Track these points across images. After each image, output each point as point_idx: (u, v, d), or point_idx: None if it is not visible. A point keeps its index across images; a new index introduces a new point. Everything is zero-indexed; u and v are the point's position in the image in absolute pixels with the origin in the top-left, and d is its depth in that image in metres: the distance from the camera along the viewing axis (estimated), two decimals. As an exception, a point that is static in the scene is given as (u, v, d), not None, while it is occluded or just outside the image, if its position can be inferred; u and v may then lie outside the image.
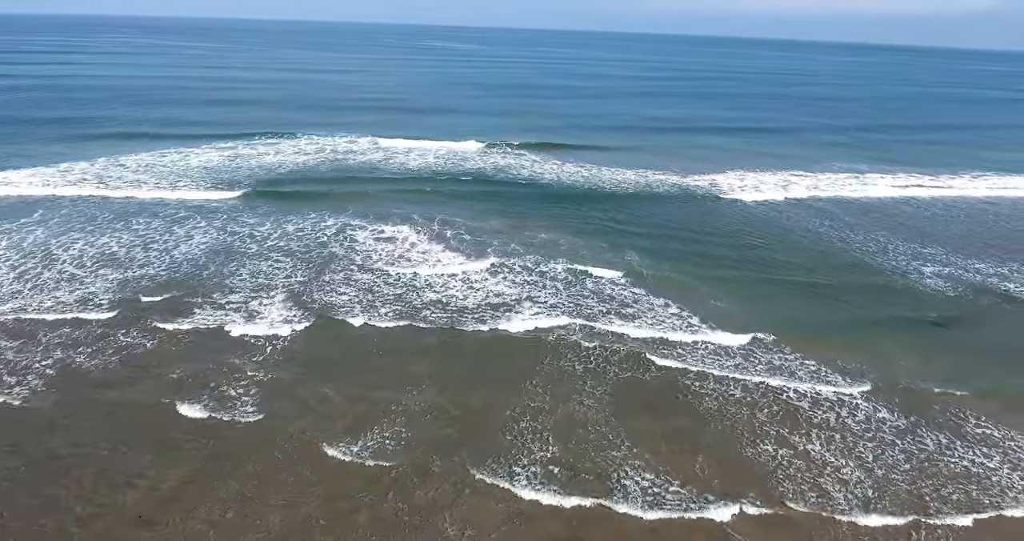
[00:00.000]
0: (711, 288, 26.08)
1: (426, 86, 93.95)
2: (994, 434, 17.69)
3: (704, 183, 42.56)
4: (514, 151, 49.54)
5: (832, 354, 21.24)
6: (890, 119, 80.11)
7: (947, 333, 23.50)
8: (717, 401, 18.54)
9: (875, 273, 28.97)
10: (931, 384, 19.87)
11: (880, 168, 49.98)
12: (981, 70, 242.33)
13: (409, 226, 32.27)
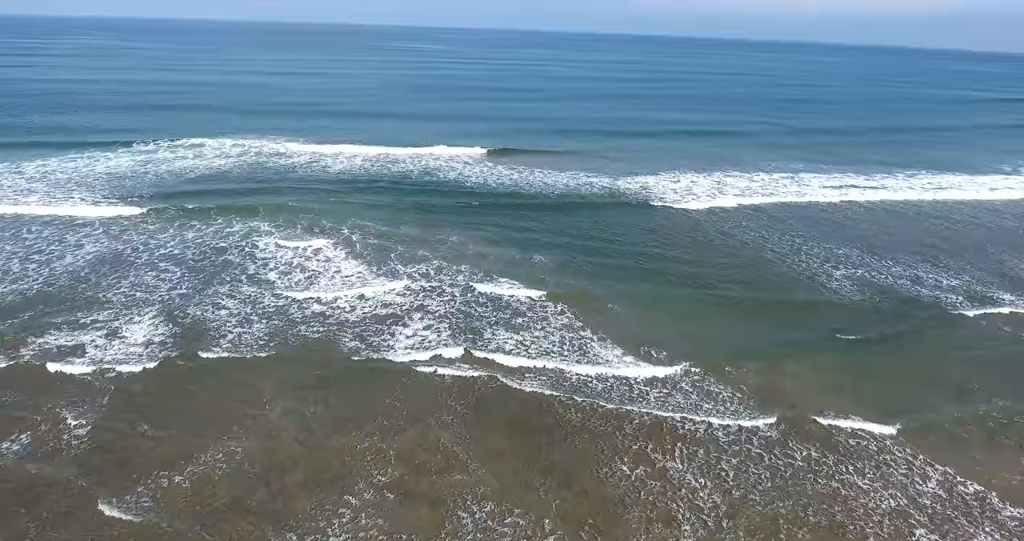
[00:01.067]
0: (616, 303, 24.75)
1: (376, 89, 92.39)
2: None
3: (635, 187, 41.89)
4: (447, 154, 48.45)
5: (736, 379, 19.82)
6: (841, 119, 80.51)
7: (861, 353, 22.00)
8: (586, 427, 17.51)
9: (794, 285, 27.66)
10: (837, 414, 19.16)
11: (817, 168, 49.89)
12: (946, 69, 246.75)
13: (316, 232, 31.12)
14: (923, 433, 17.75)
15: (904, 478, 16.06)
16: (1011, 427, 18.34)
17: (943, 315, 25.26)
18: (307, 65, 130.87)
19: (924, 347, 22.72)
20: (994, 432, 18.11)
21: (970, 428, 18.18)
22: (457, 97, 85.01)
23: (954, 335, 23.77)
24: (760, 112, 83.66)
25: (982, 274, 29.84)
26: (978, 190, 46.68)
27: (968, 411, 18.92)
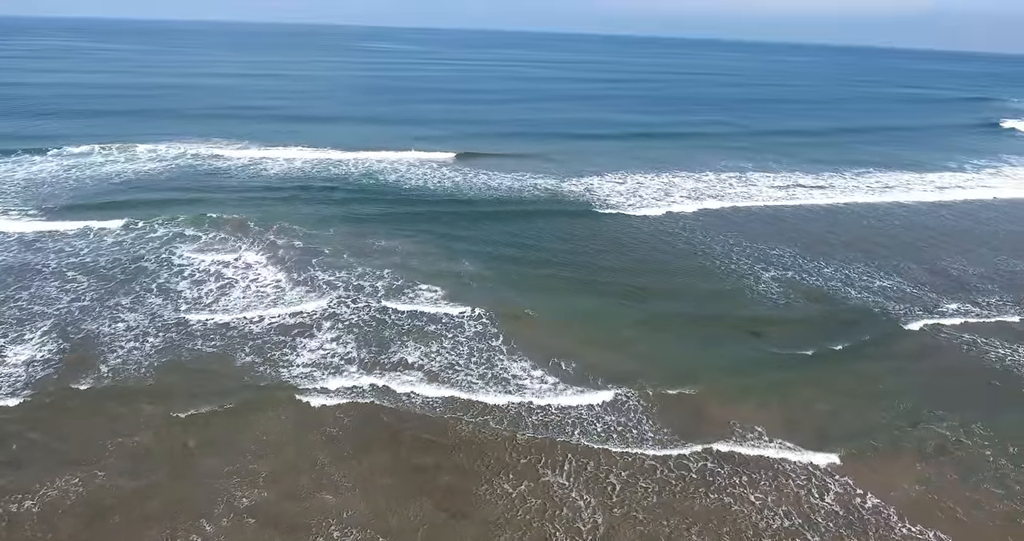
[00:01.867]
0: (540, 316, 23.62)
1: (336, 91, 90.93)
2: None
3: (580, 189, 41.34)
4: (392, 158, 47.44)
5: (658, 401, 18.69)
6: (798, 119, 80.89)
7: (798, 371, 20.91)
8: (478, 447, 16.72)
9: (733, 297, 26.46)
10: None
11: (766, 168, 49.91)
12: (911, 68, 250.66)
13: (239, 238, 30.12)
14: (852, 457, 16.85)
15: (810, 498, 15.58)
16: (948, 451, 17.38)
17: (886, 327, 24.23)
18: (272, 67, 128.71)
19: (865, 363, 21.59)
20: (929, 456, 17.10)
21: (902, 451, 17.31)
22: (415, 99, 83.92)
23: (896, 349, 22.74)
24: (719, 112, 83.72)
25: (928, 281, 29.06)
26: (925, 187, 47.03)
27: (904, 434, 17.98)
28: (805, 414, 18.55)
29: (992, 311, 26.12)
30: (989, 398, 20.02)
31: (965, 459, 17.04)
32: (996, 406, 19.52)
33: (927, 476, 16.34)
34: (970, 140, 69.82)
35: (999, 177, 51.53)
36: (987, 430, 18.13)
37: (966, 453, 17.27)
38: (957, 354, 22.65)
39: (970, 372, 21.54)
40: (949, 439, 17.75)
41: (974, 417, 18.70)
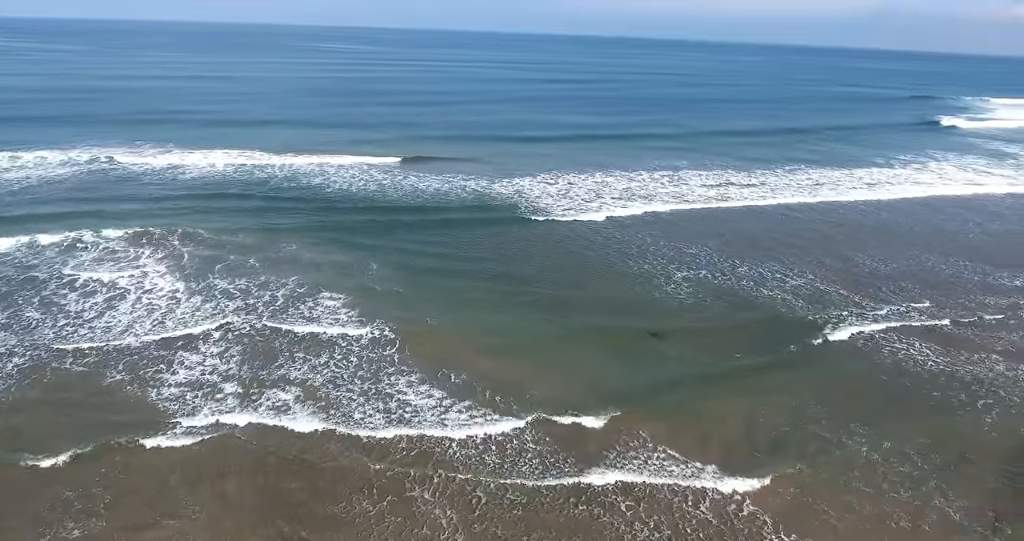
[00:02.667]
0: (446, 332, 22.45)
1: (278, 92, 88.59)
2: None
3: (509, 192, 40.78)
4: (321, 161, 46.23)
5: (562, 430, 17.40)
6: (742, 119, 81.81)
7: (719, 388, 19.82)
8: (353, 475, 16.01)
9: (658, 308, 25.30)
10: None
11: (701, 166, 50.21)
12: (858, 68, 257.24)
13: (138, 246, 28.82)
14: (732, 463, 16.49)
15: (683, 507, 15.20)
16: (829, 453, 17.08)
17: (815, 337, 23.44)
18: (218, 68, 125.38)
19: (795, 377, 20.74)
20: (811, 459, 16.64)
21: (785, 456, 16.97)
22: (361, 101, 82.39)
23: (825, 361, 22.01)
24: (667, 113, 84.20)
25: (844, 280, 28.88)
26: (854, 184, 47.77)
27: (787, 438, 17.63)
28: (695, 425, 18.14)
29: (904, 311, 26.13)
30: (889, 401, 19.88)
31: (845, 461, 16.89)
32: (897, 409, 19.38)
33: (807, 480, 16.13)
34: (905, 138, 71.44)
35: (925, 173, 52.72)
36: (873, 432, 18.06)
37: (847, 455, 17.13)
38: (860, 355, 22.59)
39: (864, 371, 21.53)
40: (831, 441, 17.63)
41: (867, 420, 18.55)
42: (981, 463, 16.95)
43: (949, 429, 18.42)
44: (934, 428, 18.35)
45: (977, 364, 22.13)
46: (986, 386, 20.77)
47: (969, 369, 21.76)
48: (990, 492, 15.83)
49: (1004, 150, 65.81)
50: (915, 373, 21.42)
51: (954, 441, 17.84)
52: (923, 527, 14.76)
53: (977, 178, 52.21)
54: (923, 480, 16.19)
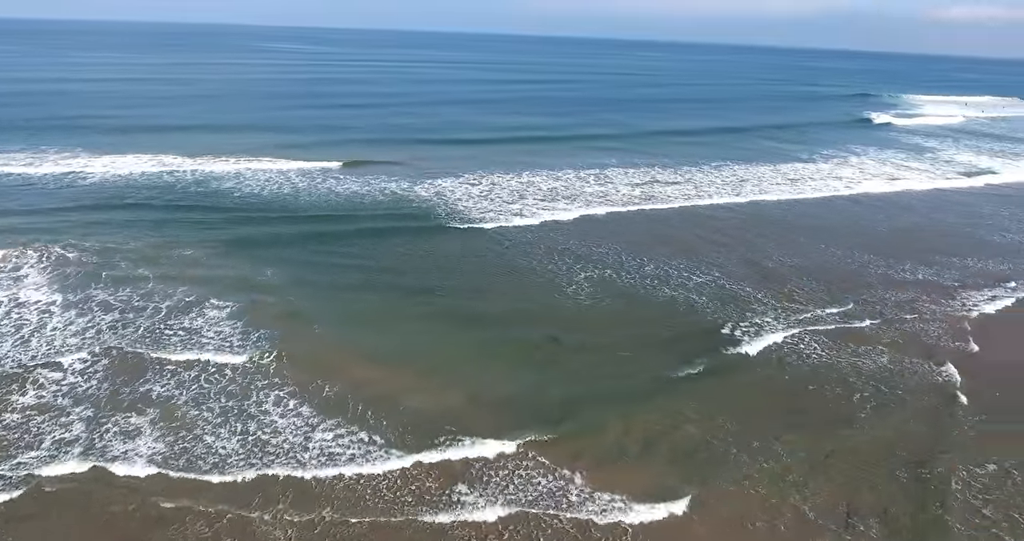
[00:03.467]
0: (341, 353, 21.21)
1: (211, 94, 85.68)
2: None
3: (429, 194, 40.15)
4: (237, 166, 44.72)
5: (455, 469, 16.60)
6: (684, 118, 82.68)
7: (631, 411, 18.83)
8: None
9: (572, 321, 23.95)
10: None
11: (630, 164, 50.48)
12: (813, 67, 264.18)
13: (15, 258, 27.14)
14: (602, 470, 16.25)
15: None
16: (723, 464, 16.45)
17: (720, 342, 22.91)
18: (153, 70, 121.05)
19: (699, 387, 20.02)
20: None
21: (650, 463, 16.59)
22: (299, 103, 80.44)
23: (731, 368, 21.36)
24: (614, 113, 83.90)
25: (763, 286, 28.22)
26: (777, 179, 48.58)
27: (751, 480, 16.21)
28: (592, 445, 17.23)
29: (810, 311, 25.87)
30: (792, 410, 19.30)
31: (766, 479, 16.52)
32: (799, 418, 18.78)
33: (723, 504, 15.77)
34: (834, 134, 73.15)
35: (846, 168, 53.97)
36: (773, 445, 17.51)
37: (766, 472, 16.63)
38: (764, 360, 22.03)
39: (768, 376, 21.30)
40: (740, 458, 17.41)
41: (769, 432, 17.89)
42: (847, 458, 17.00)
43: (845, 436, 18.04)
44: (833, 437, 17.91)
45: (866, 357, 22.37)
46: (883, 382, 20.85)
47: (863, 364, 21.90)
48: (847, 487, 15.86)
49: (923, 144, 68.07)
50: (816, 374, 21.20)
51: (843, 441, 17.74)
52: (779, 527, 14.67)
53: (896, 172, 53.70)
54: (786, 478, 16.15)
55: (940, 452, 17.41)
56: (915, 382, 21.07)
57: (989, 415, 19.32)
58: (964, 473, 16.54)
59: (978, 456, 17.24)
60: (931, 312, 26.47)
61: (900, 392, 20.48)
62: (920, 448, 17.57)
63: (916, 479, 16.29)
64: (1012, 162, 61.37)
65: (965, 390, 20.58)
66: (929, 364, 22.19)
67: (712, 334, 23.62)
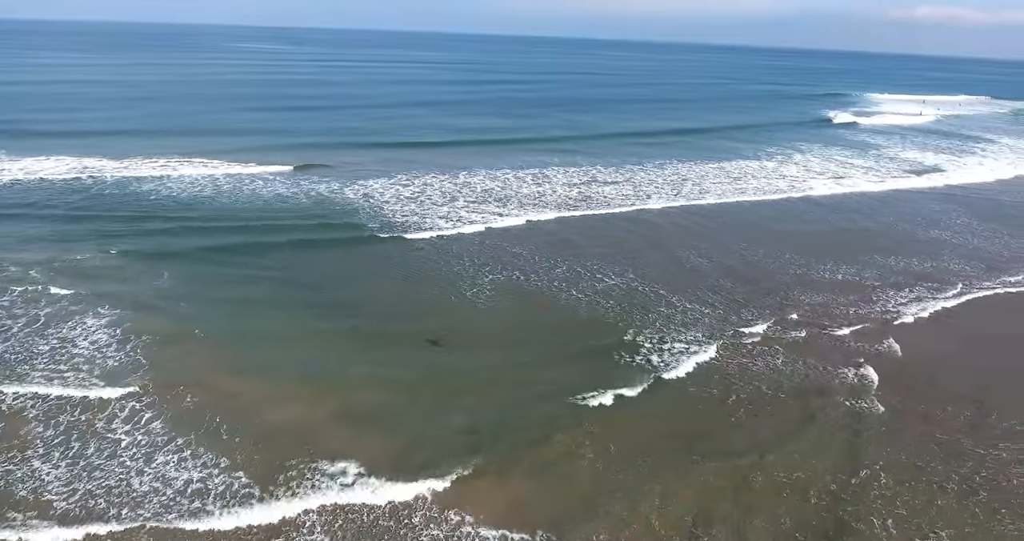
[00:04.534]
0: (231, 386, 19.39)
1: (159, 97, 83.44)
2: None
3: (357, 196, 39.31)
4: (163, 171, 43.27)
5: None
6: (644, 120, 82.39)
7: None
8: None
9: (500, 344, 22.73)
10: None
11: (572, 164, 49.88)
12: (786, 66, 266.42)
13: None
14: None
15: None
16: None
17: (630, 363, 21.32)
18: (106, 71, 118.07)
19: (608, 419, 18.29)
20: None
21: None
22: (246, 106, 78.70)
23: (641, 397, 19.63)
24: (569, 113, 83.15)
25: (680, 290, 27.33)
26: (720, 178, 48.29)
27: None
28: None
29: (731, 319, 24.94)
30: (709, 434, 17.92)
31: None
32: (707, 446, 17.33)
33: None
34: (787, 133, 73.18)
35: (790, 165, 53.94)
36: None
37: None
38: (675, 377, 20.78)
39: (682, 396, 19.88)
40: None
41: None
42: (759, 486, 16.10)
43: (755, 463, 16.72)
44: (743, 464, 16.67)
45: (784, 369, 21.50)
46: (799, 396, 19.93)
47: (781, 376, 21.00)
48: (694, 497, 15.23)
49: (870, 142, 68.50)
50: (728, 389, 20.10)
51: (752, 469, 16.60)
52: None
53: (840, 169, 53.75)
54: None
55: (859, 468, 16.59)
56: (833, 393, 20.22)
57: (904, 422, 18.78)
58: (884, 491, 15.84)
59: (895, 468, 16.67)
60: (853, 317, 25.67)
61: (816, 405, 19.52)
62: (838, 465, 16.67)
63: (834, 500, 15.46)
64: (956, 159, 61.90)
65: (883, 398, 19.92)
66: (849, 373, 21.36)
67: (617, 346, 22.33)
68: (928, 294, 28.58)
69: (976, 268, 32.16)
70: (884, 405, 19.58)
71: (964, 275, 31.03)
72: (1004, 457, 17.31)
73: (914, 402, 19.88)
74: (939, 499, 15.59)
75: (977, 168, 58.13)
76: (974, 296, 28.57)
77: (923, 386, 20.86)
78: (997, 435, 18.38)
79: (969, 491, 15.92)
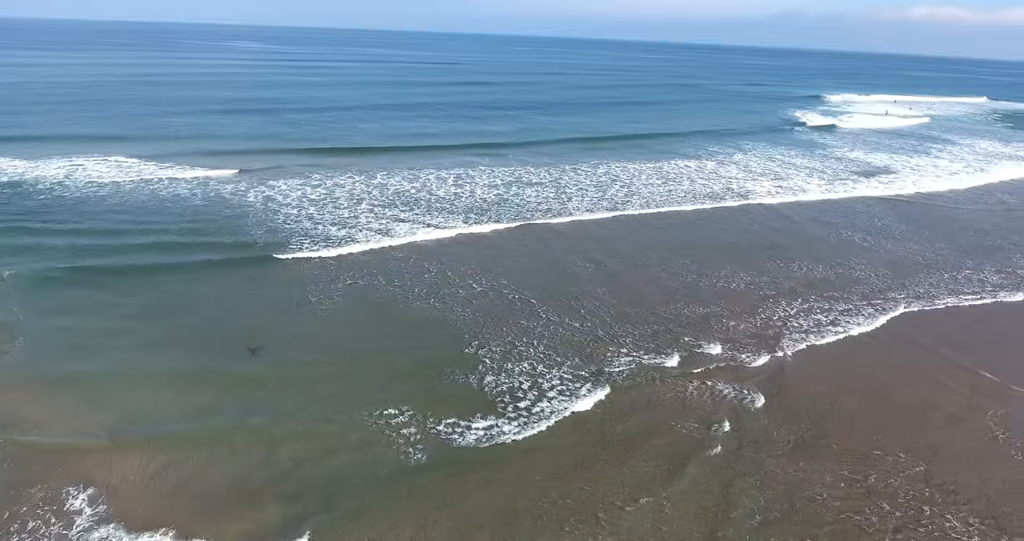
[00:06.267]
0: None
1: (88, 100, 79.84)
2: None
3: (257, 196, 37.70)
4: (64, 169, 41.73)
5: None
6: (607, 124, 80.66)
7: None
8: None
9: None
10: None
11: (496, 165, 48.31)
12: (768, 66, 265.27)
13: None
14: None
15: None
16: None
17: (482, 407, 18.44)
18: (46, 72, 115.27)
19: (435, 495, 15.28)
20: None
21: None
22: (180, 110, 75.89)
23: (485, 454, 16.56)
24: (526, 116, 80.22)
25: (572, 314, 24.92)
26: (656, 178, 46.70)
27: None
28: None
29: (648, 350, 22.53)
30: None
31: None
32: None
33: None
34: (741, 135, 71.44)
35: (729, 166, 52.47)
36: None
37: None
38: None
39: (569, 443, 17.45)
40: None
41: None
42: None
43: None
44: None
45: (664, 407, 19.02)
46: (675, 444, 17.37)
47: (660, 417, 18.53)
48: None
49: (818, 141, 67.20)
50: (592, 441, 17.41)
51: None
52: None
53: (781, 170, 52.28)
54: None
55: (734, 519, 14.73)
56: (712, 429, 17.99)
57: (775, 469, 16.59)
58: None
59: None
60: (736, 343, 23.14)
61: (691, 452, 17.01)
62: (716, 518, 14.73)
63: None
64: (909, 160, 60.39)
65: (768, 432, 17.96)
66: (734, 406, 19.21)
67: (476, 398, 19.07)
68: (829, 321, 25.24)
69: (880, 286, 29.26)
70: (753, 445, 17.51)
71: (870, 294, 28.25)
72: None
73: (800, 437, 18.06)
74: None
75: (930, 169, 56.67)
76: (870, 326, 25.20)
77: (811, 418, 18.93)
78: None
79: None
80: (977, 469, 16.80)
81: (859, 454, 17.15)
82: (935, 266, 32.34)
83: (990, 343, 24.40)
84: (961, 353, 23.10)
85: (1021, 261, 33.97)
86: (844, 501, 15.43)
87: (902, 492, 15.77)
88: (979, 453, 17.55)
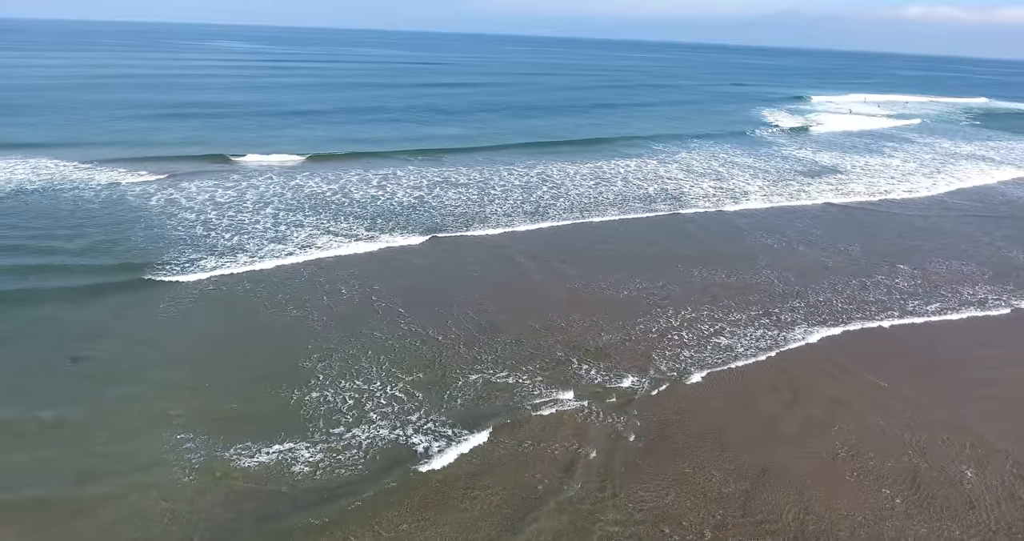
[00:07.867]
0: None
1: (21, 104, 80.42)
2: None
3: (159, 201, 36.63)
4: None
5: None
6: (580, 128, 79.37)
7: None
8: None
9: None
10: None
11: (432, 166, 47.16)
12: (756, 65, 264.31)
13: None
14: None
15: None
16: None
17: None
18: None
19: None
20: None
21: None
22: (123, 114, 74.76)
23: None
24: (486, 119, 78.61)
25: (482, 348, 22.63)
26: (590, 180, 45.59)
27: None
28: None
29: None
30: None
31: None
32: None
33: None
34: (704, 138, 70.20)
35: (670, 165, 51.31)
36: None
37: None
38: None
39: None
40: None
41: None
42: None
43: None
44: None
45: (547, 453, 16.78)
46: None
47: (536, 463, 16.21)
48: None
49: (770, 139, 65.98)
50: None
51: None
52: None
53: (723, 170, 51.15)
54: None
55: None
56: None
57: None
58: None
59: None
60: (618, 362, 21.30)
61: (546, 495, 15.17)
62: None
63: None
64: (857, 159, 59.26)
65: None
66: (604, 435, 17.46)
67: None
68: (724, 351, 22.73)
69: (783, 293, 28.16)
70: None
71: (768, 303, 26.99)
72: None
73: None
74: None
75: (880, 169, 55.53)
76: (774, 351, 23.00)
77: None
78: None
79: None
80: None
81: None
82: (842, 271, 31.19)
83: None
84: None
85: (934, 266, 32.71)
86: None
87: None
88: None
